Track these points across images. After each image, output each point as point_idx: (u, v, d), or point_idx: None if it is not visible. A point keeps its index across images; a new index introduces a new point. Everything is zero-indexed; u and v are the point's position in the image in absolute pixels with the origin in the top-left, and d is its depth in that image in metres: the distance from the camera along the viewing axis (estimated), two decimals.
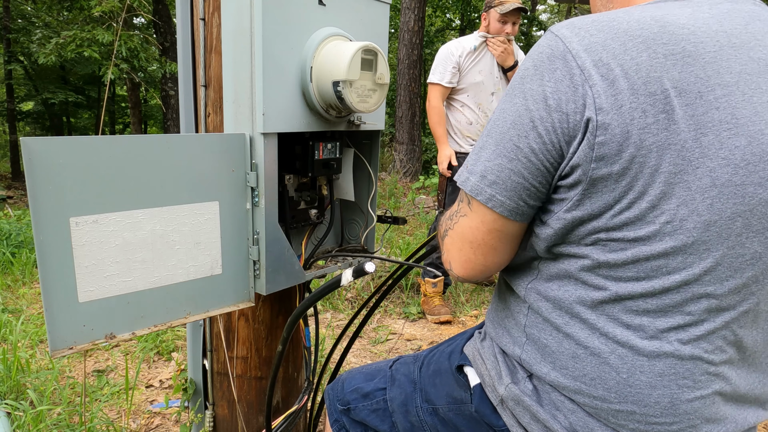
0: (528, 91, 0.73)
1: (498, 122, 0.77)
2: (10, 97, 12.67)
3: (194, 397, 1.52)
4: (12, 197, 9.24)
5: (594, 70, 0.68)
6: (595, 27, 0.71)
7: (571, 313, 0.79)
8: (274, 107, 1.10)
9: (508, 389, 0.87)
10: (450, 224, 0.88)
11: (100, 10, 7.37)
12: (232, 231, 1.15)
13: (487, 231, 0.81)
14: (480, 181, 0.78)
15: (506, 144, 0.75)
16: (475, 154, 0.81)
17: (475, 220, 0.81)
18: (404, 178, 8.49)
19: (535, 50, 0.75)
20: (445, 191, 3.27)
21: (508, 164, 0.75)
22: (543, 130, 0.72)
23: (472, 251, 0.84)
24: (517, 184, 0.75)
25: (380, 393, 1.10)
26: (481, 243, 0.82)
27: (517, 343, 0.88)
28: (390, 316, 3.27)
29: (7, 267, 3.93)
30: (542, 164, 0.74)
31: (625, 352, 0.75)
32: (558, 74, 0.70)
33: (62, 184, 0.90)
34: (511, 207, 0.77)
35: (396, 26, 10.35)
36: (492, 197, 0.77)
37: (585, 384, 0.79)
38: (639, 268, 0.73)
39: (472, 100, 3.15)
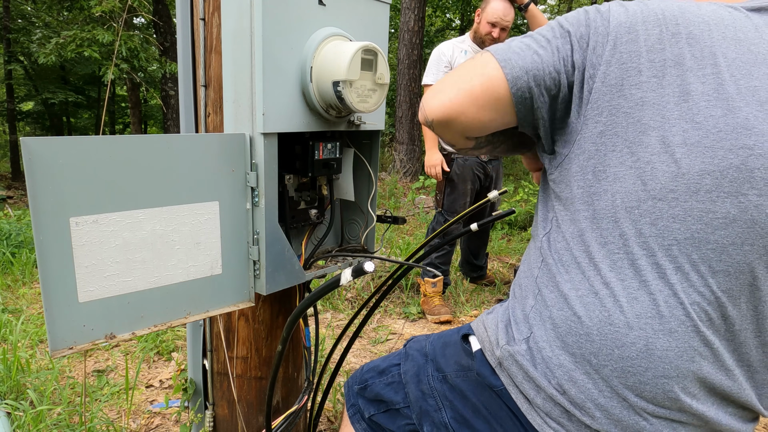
0: (572, 16, 0.86)
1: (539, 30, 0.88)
2: (10, 97, 12.66)
3: (194, 397, 1.52)
4: (12, 197, 9.24)
5: (617, 28, 0.81)
6: (636, 3, 0.84)
7: (570, 260, 0.86)
8: (274, 107, 1.10)
9: (503, 350, 0.94)
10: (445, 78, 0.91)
11: (100, 10, 7.36)
12: (232, 231, 1.15)
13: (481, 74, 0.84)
14: (505, 49, 0.84)
15: (539, 37, 0.85)
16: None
17: (477, 60, 0.86)
18: (404, 178, 8.49)
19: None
20: (443, 191, 3.27)
21: (534, 45, 0.84)
22: (570, 38, 0.83)
23: (450, 82, 0.86)
24: (534, 63, 0.82)
25: (395, 368, 1.17)
26: (468, 81, 0.85)
27: (531, 297, 0.94)
28: (390, 316, 3.27)
29: (7, 267, 3.93)
30: (561, 63, 0.82)
31: (608, 292, 0.81)
32: (598, 21, 0.83)
33: (62, 184, 0.90)
34: (516, 75, 0.82)
35: (396, 26, 10.35)
36: (509, 59, 0.82)
37: (573, 323, 0.85)
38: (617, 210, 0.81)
39: None
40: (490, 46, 2.81)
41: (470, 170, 3.20)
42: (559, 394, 0.86)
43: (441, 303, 3.25)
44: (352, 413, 1.21)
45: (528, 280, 0.96)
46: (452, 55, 3.10)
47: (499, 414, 0.96)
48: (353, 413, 1.21)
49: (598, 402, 0.83)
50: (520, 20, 13.49)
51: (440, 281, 3.30)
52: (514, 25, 12.83)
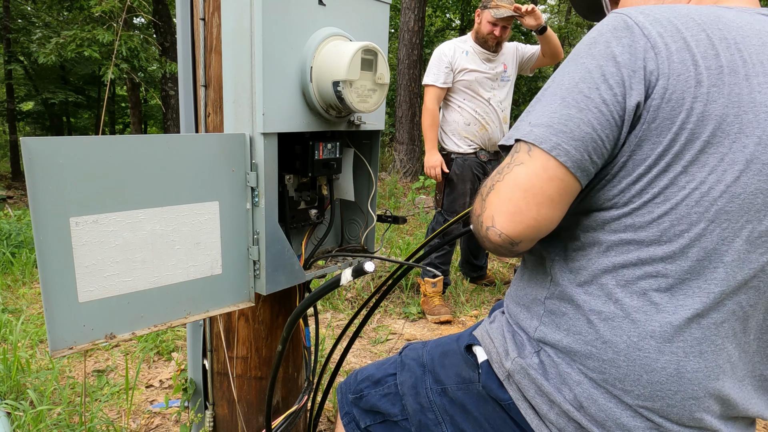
0: (596, 53, 0.77)
1: (564, 81, 0.79)
2: (10, 97, 12.67)
3: (194, 397, 1.52)
4: (12, 197, 9.24)
5: (659, 39, 0.74)
6: (658, 9, 0.78)
7: (590, 280, 0.82)
8: (274, 107, 1.10)
9: (514, 362, 0.90)
10: (498, 177, 0.82)
11: (100, 9, 7.36)
12: (232, 231, 1.15)
13: (548, 178, 0.77)
14: (546, 131, 0.77)
15: (575, 96, 0.76)
16: (536, 110, 0.80)
17: (534, 167, 0.77)
18: (404, 178, 8.49)
19: (598, 26, 0.80)
20: (443, 191, 3.27)
21: (577, 114, 0.76)
22: (614, 83, 0.75)
23: (524, 200, 0.78)
24: (585, 135, 0.75)
25: (391, 378, 1.12)
26: (539, 191, 0.77)
27: (535, 316, 0.91)
28: (390, 316, 3.27)
29: (7, 267, 3.93)
30: (612, 116, 0.75)
31: (639, 317, 0.78)
32: (625, 41, 0.76)
33: (62, 184, 0.90)
34: (576, 158, 0.76)
35: (396, 26, 10.35)
36: (558, 145, 0.75)
37: (596, 348, 0.81)
38: (663, 231, 0.76)
39: (469, 101, 3.16)
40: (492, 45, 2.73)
41: (470, 170, 3.20)
42: (576, 410, 0.83)
43: (441, 303, 3.25)
44: (347, 421, 1.18)
45: (533, 298, 0.92)
46: (453, 56, 3.10)
47: (502, 428, 0.93)
48: (348, 421, 1.18)
49: (621, 422, 0.80)
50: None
51: (440, 281, 3.30)
52: (514, 24, 12.82)
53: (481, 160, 3.24)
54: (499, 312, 1.04)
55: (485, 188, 0.88)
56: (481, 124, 3.17)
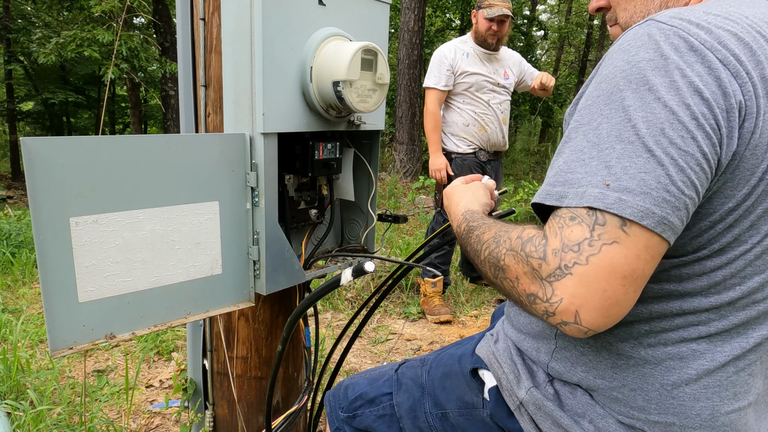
0: (671, 84, 0.61)
1: (632, 123, 0.62)
2: (10, 97, 12.66)
3: (194, 397, 1.52)
4: (12, 197, 9.24)
5: (738, 65, 0.62)
6: (716, 19, 0.65)
7: (619, 324, 0.72)
8: (274, 107, 1.10)
9: (529, 393, 0.84)
10: (576, 257, 0.62)
11: (99, 9, 7.36)
12: (232, 231, 1.15)
13: (650, 258, 0.62)
14: (644, 201, 0.60)
15: (668, 149, 0.60)
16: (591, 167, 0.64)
17: (635, 248, 0.61)
18: (404, 178, 8.49)
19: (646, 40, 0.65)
20: (442, 191, 3.27)
21: (677, 174, 0.60)
22: (710, 129, 0.61)
23: (623, 288, 0.62)
24: (689, 201, 0.62)
25: (386, 398, 1.07)
26: (640, 275, 0.62)
27: (545, 350, 0.84)
28: (390, 316, 3.27)
29: (7, 267, 3.93)
30: (711, 171, 0.62)
31: (674, 364, 0.72)
32: (700, 68, 0.62)
33: (62, 184, 0.90)
34: (679, 229, 0.63)
35: (396, 26, 10.35)
36: (663, 220, 0.61)
37: (623, 394, 0.76)
38: (713, 284, 0.70)
39: (469, 102, 3.16)
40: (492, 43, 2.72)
41: (468, 170, 3.20)
42: None
43: (441, 303, 3.25)
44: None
45: (541, 330, 0.86)
46: (454, 58, 3.09)
47: None
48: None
49: None
50: (520, 20, 13.50)
51: (440, 281, 3.30)
52: (514, 24, 12.83)
53: (480, 160, 3.24)
54: (502, 329, 0.98)
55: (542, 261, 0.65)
56: (480, 125, 3.17)
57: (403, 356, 2.76)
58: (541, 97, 13.42)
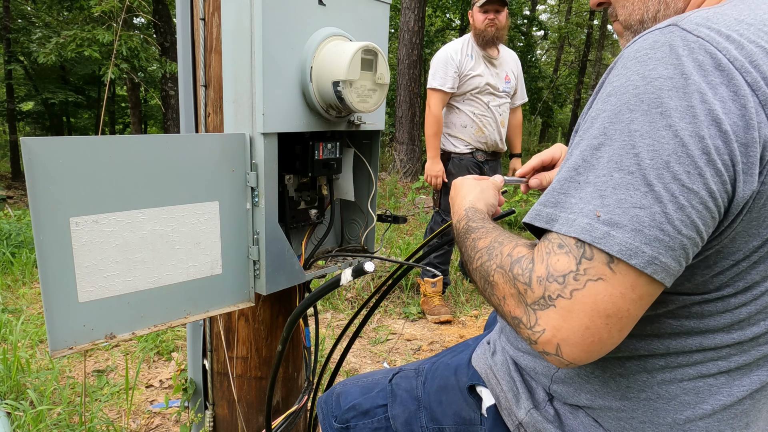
0: (686, 109, 0.55)
1: (635, 150, 0.57)
2: (10, 97, 12.66)
3: (194, 397, 1.52)
4: (12, 197, 9.24)
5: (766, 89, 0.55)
6: (749, 30, 0.58)
7: (628, 354, 0.70)
8: (274, 107, 1.10)
9: (529, 415, 0.82)
10: (560, 289, 0.60)
11: (99, 9, 7.36)
12: (232, 231, 1.15)
13: (638, 298, 0.59)
14: (633, 238, 0.56)
15: (670, 185, 0.55)
16: (585, 192, 0.60)
17: (620, 287, 0.58)
18: (404, 178, 8.50)
19: (668, 52, 0.58)
20: (440, 191, 3.27)
21: (676, 213, 0.55)
22: (722, 165, 0.55)
23: (606, 328, 0.59)
24: (688, 241, 0.57)
25: (381, 410, 1.05)
26: (625, 315, 0.59)
27: (543, 372, 0.82)
28: (390, 316, 3.27)
29: (7, 267, 3.93)
30: (718, 211, 0.57)
31: (689, 399, 0.69)
32: (724, 92, 0.55)
33: (62, 184, 0.90)
34: (675, 271, 0.58)
35: (396, 26, 10.35)
36: (654, 260, 0.57)
37: (631, 425, 0.73)
38: (736, 321, 0.66)
39: (468, 104, 3.15)
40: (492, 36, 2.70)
41: (466, 170, 3.20)
42: None
43: (441, 303, 3.25)
44: None
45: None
46: (461, 60, 3.09)
47: None
48: None
49: None
50: (520, 20, 13.50)
51: (440, 281, 3.30)
52: (514, 24, 12.82)
53: (478, 160, 3.24)
54: (500, 341, 0.95)
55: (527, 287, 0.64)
56: (478, 127, 3.17)
57: (403, 356, 2.76)
58: (541, 97, 13.44)
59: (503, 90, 3.19)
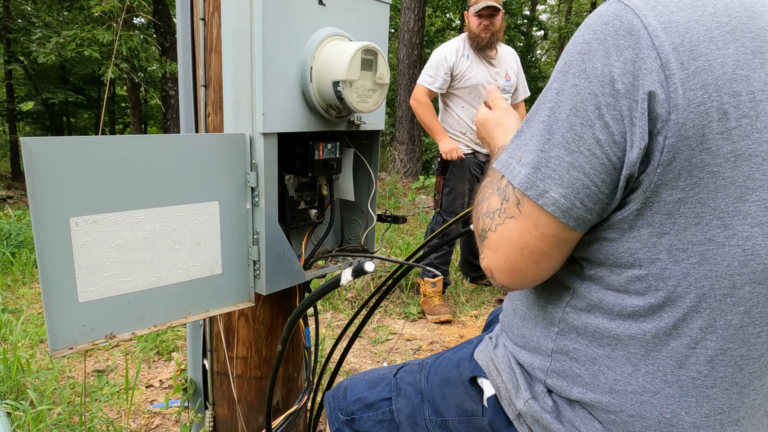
0: (591, 70, 0.63)
1: (552, 106, 0.67)
2: (10, 97, 12.67)
3: (194, 397, 1.52)
4: (12, 197, 9.24)
5: (673, 54, 0.59)
6: (675, 3, 0.62)
7: (613, 344, 0.72)
8: (274, 107, 1.10)
9: (527, 405, 0.83)
10: (490, 224, 0.74)
11: (99, 9, 7.37)
12: (232, 231, 1.15)
13: (541, 236, 0.69)
14: (532, 174, 0.67)
15: (565, 133, 0.65)
16: (523, 141, 0.70)
17: (525, 223, 0.69)
18: (404, 178, 8.50)
19: (596, 20, 0.65)
20: (441, 191, 3.28)
21: (567, 156, 0.65)
22: (610, 119, 0.62)
23: (522, 258, 0.71)
24: (576, 180, 0.64)
25: (385, 403, 1.06)
26: (534, 249, 0.70)
27: (539, 367, 0.83)
28: (390, 316, 3.27)
29: (7, 267, 3.93)
30: (608, 158, 0.63)
31: (674, 392, 0.70)
32: (627, 53, 0.61)
33: (62, 184, 0.90)
34: (566, 207, 0.66)
35: (396, 26, 10.36)
36: (544, 193, 0.66)
37: (621, 418, 0.74)
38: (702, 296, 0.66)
39: (467, 109, 3.15)
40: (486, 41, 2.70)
41: (467, 170, 3.20)
42: None
43: (441, 303, 3.25)
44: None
45: (536, 345, 0.84)
46: (456, 61, 3.09)
47: None
48: None
49: None
50: (520, 20, 13.50)
51: (440, 281, 3.30)
52: (514, 24, 12.83)
53: (480, 160, 3.24)
54: (501, 335, 0.97)
55: (478, 225, 0.78)
56: (468, 127, 3.17)
57: (403, 356, 2.76)
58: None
59: (503, 88, 3.19)
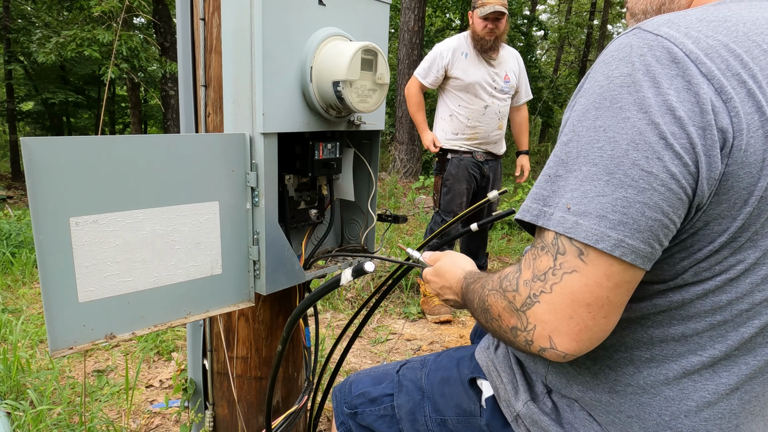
0: (642, 101, 0.59)
1: (600, 143, 0.61)
2: (10, 97, 12.67)
3: (194, 397, 1.52)
4: (12, 197, 9.24)
5: (724, 80, 0.58)
6: (708, 27, 0.61)
7: (616, 345, 0.72)
8: (274, 107, 1.10)
9: (526, 407, 0.83)
10: (542, 286, 0.65)
11: (99, 9, 7.36)
12: (232, 231, 1.15)
13: (615, 286, 0.62)
14: (598, 224, 0.60)
15: (629, 171, 0.58)
16: (566, 188, 0.63)
17: (594, 276, 0.61)
18: (404, 178, 8.50)
19: (628, 52, 0.62)
20: (440, 191, 3.27)
21: (638, 197, 0.58)
22: (680, 149, 0.57)
23: (590, 316, 0.63)
24: (654, 223, 0.59)
25: (387, 399, 1.08)
26: (605, 303, 0.62)
27: (541, 362, 0.83)
28: (390, 316, 3.27)
29: (7, 267, 3.93)
30: (685, 192, 0.59)
31: (673, 394, 0.70)
32: (679, 82, 0.58)
33: (62, 184, 0.90)
34: (646, 253, 0.60)
35: (396, 26, 10.35)
36: (621, 243, 0.59)
37: (619, 419, 0.74)
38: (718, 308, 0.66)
39: (464, 108, 3.15)
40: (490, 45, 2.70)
41: (465, 170, 3.19)
42: None
43: (441, 303, 3.25)
44: (343, 431, 1.16)
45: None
46: (451, 59, 3.08)
47: None
48: (344, 431, 1.16)
49: None
50: (520, 20, 13.50)
51: None
52: (514, 24, 12.82)
53: (477, 160, 3.23)
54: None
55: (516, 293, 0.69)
56: (473, 133, 3.17)
57: (403, 356, 2.76)
58: (541, 97, 13.45)
59: (502, 89, 3.18)
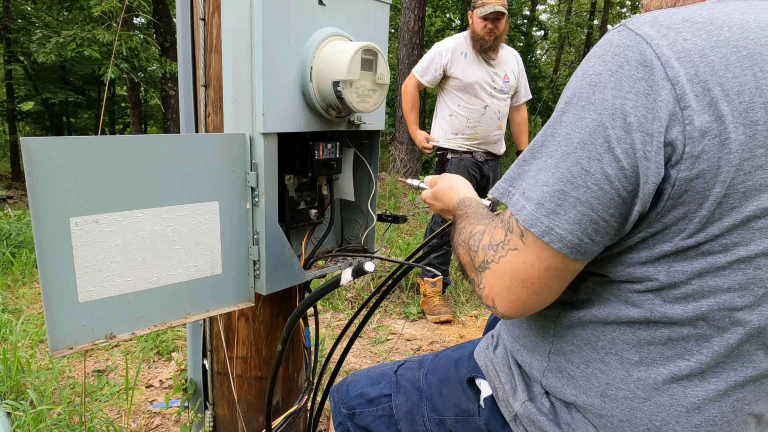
0: (600, 102, 0.61)
1: (559, 138, 0.65)
2: (10, 97, 12.67)
3: (194, 397, 1.52)
4: (12, 197, 9.24)
5: (688, 86, 0.58)
6: (689, 29, 0.60)
7: (607, 348, 0.73)
8: (274, 107, 1.10)
9: (524, 407, 0.84)
10: (493, 255, 0.74)
11: (99, 9, 7.36)
12: (232, 231, 1.15)
13: (544, 269, 0.68)
14: (537, 210, 0.66)
15: (572, 167, 0.63)
16: (527, 172, 0.69)
17: (528, 256, 0.68)
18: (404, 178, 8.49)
19: (607, 50, 0.63)
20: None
21: (573, 191, 0.63)
22: (621, 153, 0.60)
23: (524, 290, 0.71)
24: (582, 217, 0.63)
25: (385, 399, 1.08)
26: (536, 282, 0.69)
27: (536, 367, 0.84)
28: (390, 316, 3.27)
29: (7, 267, 3.93)
30: (617, 194, 0.62)
31: (664, 400, 0.70)
32: (641, 86, 0.59)
33: (62, 184, 0.90)
34: (573, 244, 0.65)
35: (396, 26, 10.36)
36: (550, 230, 0.65)
37: (611, 423, 0.74)
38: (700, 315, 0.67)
39: (463, 108, 3.15)
40: (490, 45, 2.71)
41: (465, 170, 3.19)
42: None
43: (441, 303, 3.25)
44: (341, 431, 1.16)
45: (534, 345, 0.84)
46: (450, 59, 3.09)
47: None
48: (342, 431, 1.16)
49: None
50: (520, 20, 13.50)
51: (440, 281, 3.30)
52: (514, 24, 12.82)
53: (477, 160, 3.23)
54: (502, 334, 0.97)
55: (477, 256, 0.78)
56: (472, 133, 3.17)
57: (403, 356, 2.76)
58: (541, 98, 13.45)
59: (501, 89, 3.18)
